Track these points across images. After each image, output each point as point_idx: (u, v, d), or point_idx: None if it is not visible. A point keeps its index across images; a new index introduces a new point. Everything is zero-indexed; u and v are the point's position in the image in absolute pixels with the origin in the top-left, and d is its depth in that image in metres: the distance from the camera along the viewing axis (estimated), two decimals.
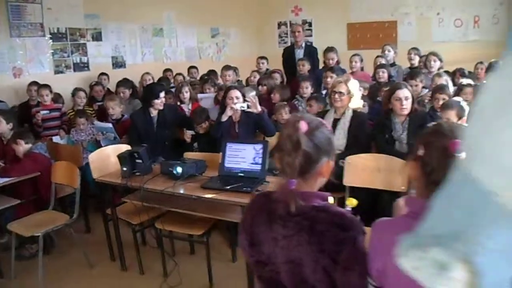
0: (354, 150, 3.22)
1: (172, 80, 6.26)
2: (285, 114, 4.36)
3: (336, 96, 3.60)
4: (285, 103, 4.64)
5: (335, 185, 1.42)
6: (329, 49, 5.54)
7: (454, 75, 4.94)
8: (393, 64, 5.45)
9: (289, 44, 8.33)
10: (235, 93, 3.93)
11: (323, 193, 1.35)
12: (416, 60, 5.41)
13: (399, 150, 3.29)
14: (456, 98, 3.50)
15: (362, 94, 4.17)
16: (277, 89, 5.07)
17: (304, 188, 1.30)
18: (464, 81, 4.36)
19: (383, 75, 4.68)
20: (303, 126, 1.25)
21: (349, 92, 3.61)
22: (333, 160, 1.35)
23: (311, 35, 8.86)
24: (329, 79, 4.75)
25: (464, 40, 7.92)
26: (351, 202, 1.94)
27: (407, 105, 3.36)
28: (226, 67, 5.70)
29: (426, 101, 4.10)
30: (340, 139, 3.53)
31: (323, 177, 1.34)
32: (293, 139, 1.25)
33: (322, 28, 8.80)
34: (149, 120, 4.18)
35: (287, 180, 1.27)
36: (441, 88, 3.75)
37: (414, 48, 5.55)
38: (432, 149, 1.12)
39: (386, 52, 5.60)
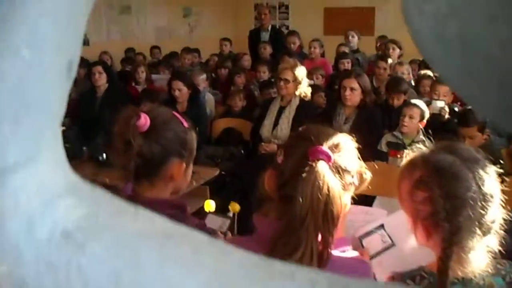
0: None
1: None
2: (239, 101, 4.17)
3: (281, 83, 3.43)
4: (241, 88, 4.46)
5: None
6: (291, 33, 5.34)
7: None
8: (356, 51, 5.26)
9: None
10: (177, 84, 3.53)
11: (179, 201, 1.21)
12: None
13: None
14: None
15: (314, 83, 4.01)
16: (242, 72, 4.84)
17: (153, 194, 1.16)
18: (423, 72, 4.22)
19: (348, 66, 4.46)
20: (143, 122, 1.10)
21: (295, 79, 3.44)
22: (189, 162, 1.21)
23: (287, 18, 8.64)
24: None
25: None
26: (234, 208, 1.77)
27: (351, 97, 3.21)
28: (186, 50, 5.50)
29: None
30: (284, 129, 3.39)
31: (176, 181, 1.18)
32: (125, 138, 1.08)
33: (298, 11, 8.54)
34: (92, 101, 4.00)
35: (124, 184, 1.14)
36: (396, 86, 3.53)
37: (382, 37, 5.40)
38: (290, 156, 0.95)
39: (350, 38, 5.39)
